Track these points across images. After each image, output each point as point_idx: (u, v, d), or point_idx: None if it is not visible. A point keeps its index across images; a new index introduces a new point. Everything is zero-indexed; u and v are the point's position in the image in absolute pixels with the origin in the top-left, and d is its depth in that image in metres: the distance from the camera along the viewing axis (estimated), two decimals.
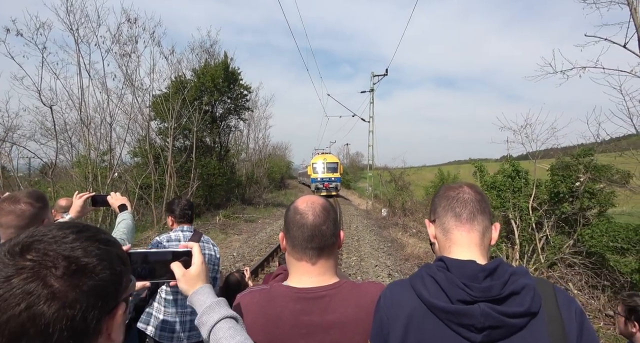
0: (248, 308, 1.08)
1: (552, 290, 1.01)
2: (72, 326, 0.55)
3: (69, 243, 0.58)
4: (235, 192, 22.01)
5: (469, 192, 1.11)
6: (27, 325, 0.52)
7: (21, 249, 0.56)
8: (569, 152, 10.37)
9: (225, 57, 19.97)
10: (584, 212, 9.31)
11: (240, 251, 10.12)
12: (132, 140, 15.80)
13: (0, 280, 0.53)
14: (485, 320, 0.90)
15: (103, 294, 0.59)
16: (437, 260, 1.05)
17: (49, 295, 0.53)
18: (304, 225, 1.11)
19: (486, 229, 1.09)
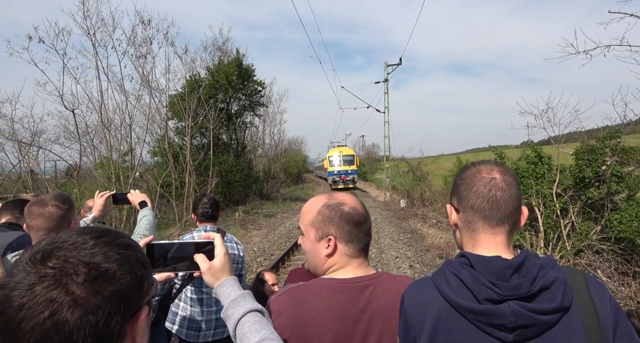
0: (298, 302, 1.08)
1: (583, 280, 0.96)
2: (96, 332, 0.55)
3: (88, 249, 0.58)
4: (253, 188, 22.22)
5: (502, 188, 0.99)
6: (51, 332, 0.52)
7: (42, 257, 0.56)
8: (594, 135, 10.02)
9: (237, 54, 20.07)
10: (611, 196, 8.99)
11: (261, 246, 10.24)
12: (151, 140, 16.15)
13: (24, 288, 0.53)
14: (517, 320, 0.86)
15: (125, 299, 0.59)
16: (459, 256, 0.99)
17: (71, 302, 0.53)
18: (368, 226, 1.18)
19: (515, 224, 1.02)
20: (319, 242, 1.17)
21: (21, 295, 0.53)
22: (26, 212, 1.75)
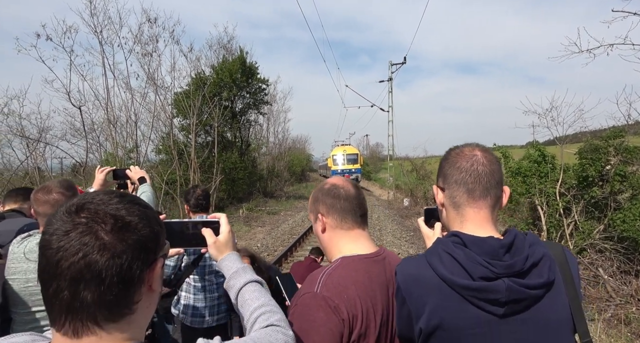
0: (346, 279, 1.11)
1: (562, 253, 1.04)
2: (120, 273, 0.64)
3: (114, 204, 0.67)
4: (257, 186, 22.34)
5: (483, 163, 1.05)
6: (84, 271, 0.61)
7: (76, 209, 0.66)
8: (599, 136, 9.99)
9: (241, 52, 20.16)
10: (615, 196, 8.99)
11: (264, 242, 10.33)
12: (156, 138, 16.27)
13: (61, 234, 0.63)
14: (510, 294, 0.92)
15: (145, 248, 0.68)
16: (451, 235, 1.03)
17: (100, 246, 0.62)
18: (349, 196, 1.23)
19: (498, 200, 1.07)
20: (315, 223, 1.27)
21: (59, 240, 0.62)
22: (32, 199, 1.83)
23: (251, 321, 0.94)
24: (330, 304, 1.04)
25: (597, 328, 4.58)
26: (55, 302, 0.63)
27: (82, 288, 0.62)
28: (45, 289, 0.64)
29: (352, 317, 1.06)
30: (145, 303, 0.71)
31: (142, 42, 13.14)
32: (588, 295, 6.28)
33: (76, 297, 0.62)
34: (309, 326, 1.03)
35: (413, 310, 1.01)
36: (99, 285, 0.62)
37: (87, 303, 0.62)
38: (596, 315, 5.11)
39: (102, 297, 0.63)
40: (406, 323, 1.05)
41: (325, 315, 1.03)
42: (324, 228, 1.25)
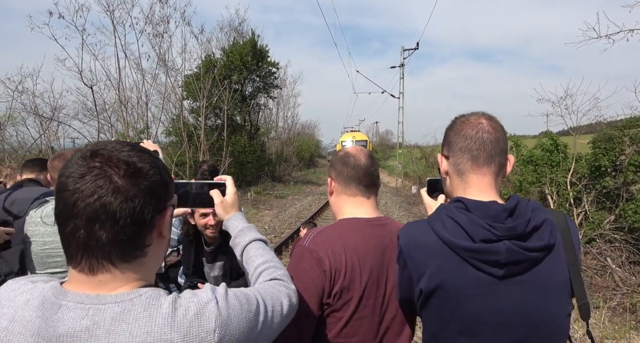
0: (335, 236, 1.19)
1: (565, 220, 1.04)
2: (133, 215, 0.67)
3: (126, 152, 0.70)
4: (265, 170, 22.44)
5: (488, 131, 1.05)
6: (99, 211, 0.64)
7: (91, 154, 0.68)
8: (614, 125, 9.78)
9: (252, 35, 19.97)
10: (627, 186, 8.85)
11: (271, 224, 10.44)
12: (166, 120, 16.36)
13: (77, 176, 0.66)
14: (510, 256, 0.93)
15: (155, 194, 0.70)
16: (455, 201, 1.04)
17: (114, 189, 0.65)
18: (357, 165, 1.27)
19: (501, 168, 1.07)
20: (329, 186, 1.35)
21: (74, 182, 0.65)
22: (49, 166, 1.89)
23: (255, 275, 0.97)
24: (314, 256, 1.13)
25: (602, 315, 4.58)
26: (72, 241, 0.66)
27: (97, 228, 0.65)
28: (63, 229, 0.67)
29: (335, 270, 1.12)
30: (156, 248, 0.74)
31: (153, 22, 13.11)
32: (594, 283, 6.26)
33: (92, 236, 0.65)
34: (294, 275, 1.11)
35: (414, 273, 1.03)
36: (113, 226, 0.65)
37: (102, 242, 0.65)
38: (601, 302, 5.10)
39: (116, 237, 0.66)
40: (407, 286, 1.08)
41: (309, 266, 1.12)
42: (332, 192, 1.33)
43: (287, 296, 0.88)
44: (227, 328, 0.69)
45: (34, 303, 0.65)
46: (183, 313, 0.67)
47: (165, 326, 0.65)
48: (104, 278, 0.68)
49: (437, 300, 1.00)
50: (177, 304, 0.68)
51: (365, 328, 1.16)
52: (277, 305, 0.84)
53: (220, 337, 0.68)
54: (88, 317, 0.64)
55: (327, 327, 1.15)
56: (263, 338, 0.79)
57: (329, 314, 1.14)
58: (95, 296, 0.66)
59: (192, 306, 0.68)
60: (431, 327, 1.05)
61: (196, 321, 0.67)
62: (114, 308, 0.65)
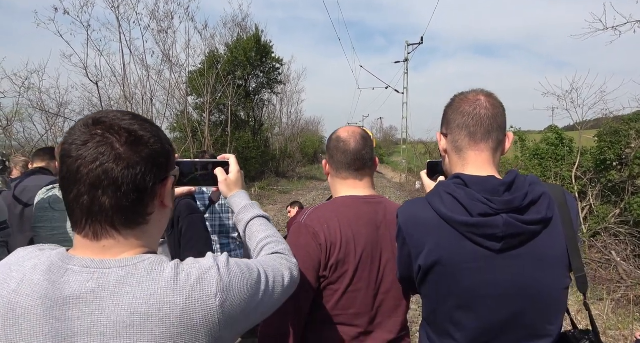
0: (330, 212, 1.23)
1: (562, 195, 1.05)
2: (135, 182, 0.69)
3: (127, 120, 0.71)
4: (269, 165, 22.47)
5: (486, 107, 1.06)
6: (102, 177, 0.66)
7: (93, 122, 0.70)
8: (620, 119, 9.69)
9: (256, 30, 19.93)
10: (633, 180, 8.78)
11: (275, 219, 10.50)
12: (171, 116, 16.41)
13: (79, 143, 0.67)
14: (507, 229, 0.93)
15: (156, 163, 0.72)
16: (453, 178, 1.05)
17: (116, 155, 0.67)
18: (346, 151, 1.29)
19: (500, 144, 1.08)
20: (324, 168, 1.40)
21: (77, 149, 0.67)
22: (57, 153, 1.92)
23: (257, 250, 0.98)
24: (310, 231, 1.18)
25: (606, 307, 4.58)
26: (76, 207, 0.68)
27: (100, 194, 0.67)
28: (67, 195, 0.69)
29: (330, 244, 1.17)
30: (158, 216, 0.76)
31: (157, 18, 13.12)
32: (598, 276, 6.24)
33: (95, 201, 0.67)
34: (292, 250, 1.13)
35: (413, 250, 1.04)
36: (116, 192, 0.67)
37: (105, 208, 0.68)
38: (605, 295, 5.10)
39: (119, 203, 0.68)
40: (406, 263, 1.09)
41: (305, 240, 1.17)
42: (327, 172, 1.38)
43: (288, 269, 0.90)
44: (228, 294, 0.71)
45: (41, 268, 0.68)
46: (185, 277, 0.69)
47: (167, 289, 0.67)
48: (108, 244, 0.70)
49: (435, 275, 1.01)
50: (180, 269, 0.70)
51: (361, 300, 1.20)
52: (279, 277, 0.86)
53: (222, 301, 0.70)
54: (93, 280, 0.67)
55: (324, 299, 1.19)
56: (264, 307, 0.80)
57: (326, 286, 1.18)
58: (100, 261, 0.69)
59: (194, 271, 0.70)
60: (430, 303, 1.07)
61: (198, 285, 0.69)
62: (118, 272, 0.68)
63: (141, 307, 0.65)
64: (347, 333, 1.20)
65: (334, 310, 1.19)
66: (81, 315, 0.64)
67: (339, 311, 1.19)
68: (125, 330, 0.64)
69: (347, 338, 1.20)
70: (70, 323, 0.64)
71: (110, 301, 0.65)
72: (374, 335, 1.23)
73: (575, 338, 1.06)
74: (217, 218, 2.68)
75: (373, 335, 1.23)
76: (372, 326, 1.23)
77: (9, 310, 0.64)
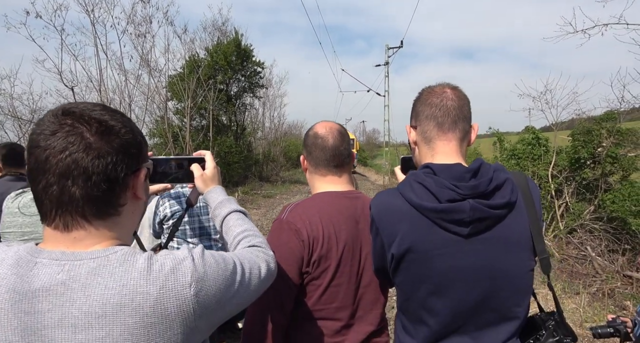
0: (311, 208, 1.23)
1: (525, 180, 1.10)
2: (106, 172, 0.68)
3: (98, 111, 0.71)
4: (252, 170, 22.33)
5: (452, 98, 1.10)
6: (71, 166, 0.65)
7: (62, 112, 0.69)
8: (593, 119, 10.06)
9: (236, 34, 19.86)
10: (606, 177, 9.11)
11: (259, 223, 10.42)
12: (151, 121, 16.14)
13: (48, 133, 0.66)
14: (474, 214, 0.97)
15: (128, 153, 0.71)
16: (423, 167, 1.08)
17: (86, 145, 0.66)
18: (325, 147, 1.30)
19: (466, 134, 1.13)
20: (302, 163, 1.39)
21: (46, 139, 0.66)
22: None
23: (234, 243, 0.99)
24: (292, 227, 1.18)
25: (582, 300, 4.72)
26: (45, 197, 0.67)
27: (70, 184, 0.66)
28: (35, 185, 0.67)
29: (313, 240, 1.17)
30: (131, 208, 0.75)
31: (135, 22, 12.90)
32: (575, 271, 6.43)
33: (65, 191, 0.66)
34: (273, 247, 1.14)
35: (385, 240, 1.06)
36: (86, 181, 0.66)
37: (75, 198, 0.66)
38: (581, 288, 5.25)
39: (89, 193, 0.67)
40: (380, 254, 1.12)
41: (287, 237, 1.17)
42: (305, 168, 1.38)
43: (265, 261, 0.90)
44: (203, 284, 0.71)
45: (8, 262, 0.66)
46: (159, 267, 0.68)
47: (140, 279, 0.66)
48: (79, 235, 0.69)
49: (407, 263, 1.04)
50: (153, 260, 0.70)
51: (343, 294, 1.21)
52: (255, 269, 0.86)
53: (197, 291, 0.70)
54: (64, 271, 0.66)
55: (307, 295, 1.19)
56: (240, 297, 0.80)
57: (309, 282, 1.19)
58: (70, 253, 0.68)
59: (167, 262, 0.70)
60: (403, 292, 1.09)
61: (172, 275, 0.68)
62: (89, 264, 0.67)
63: (113, 297, 0.64)
64: (329, 328, 1.21)
65: (317, 305, 1.20)
66: (52, 307, 0.63)
67: (321, 306, 1.20)
68: (97, 321, 0.63)
69: (329, 333, 1.21)
70: (40, 316, 0.63)
71: (82, 292, 0.64)
72: (355, 327, 1.24)
73: (542, 319, 1.12)
74: (196, 221, 2.64)
75: (354, 328, 1.24)
76: (353, 319, 1.24)
77: None
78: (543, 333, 1.10)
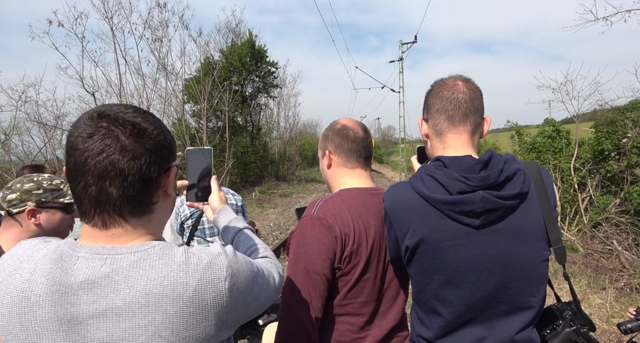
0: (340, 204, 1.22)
1: (537, 170, 1.09)
2: (140, 173, 0.71)
3: (130, 113, 0.73)
4: (269, 169, 22.50)
5: (464, 91, 1.10)
6: (109, 168, 0.68)
7: (98, 115, 0.71)
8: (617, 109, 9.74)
9: (250, 35, 20.03)
10: (632, 169, 8.81)
11: (277, 222, 10.51)
12: (169, 124, 16.46)
13: (85, 136, 0.69)
14: (485, 204, 0.97)
15: (160, 154, 0.74)
16: (434, 160, 1.09)
17: (121, 147, 0.69)
18: (357, 138, 1.30)
19: (477, 127, 1.12)
20: (322, 159, 1.37)
21: (84, 141, 0.69)
22: None
23: (247, 254, 1.02)
24: (324, 223, 1.17)
25: (609, 295, 4.59)
26: (84, 197, 0.70)
27: (108, 185, 0.69)
28: (75, 186, 0.71)
29: (345, 236, 1.16)
30: (163, 205, 0.79)
31: (152, 27, 13.19)
32: (601, 266, 6.26)
33: (103, 191, 0.69)
34: (305, 242, 1.15)
35: (399, 232, 1.07)
36: (122, 182, 0.69)
37: (113, 198, 0.70)
38: (607, 283, 5.11)
39: (126, 193, 0.70)
40: (394, 246, 1.13)
41: (320, 233, 1.16)
42: (330, 164, 1.35)
43: (277, 271, 0.94)
44: (236, 279, 0.75)
45: (52, 257, 0.70)
46: (196, 261, 0.71)
47: (180, 271, 0.69)
48: (117, 232, 0.72)
49: (420, 254, 1.05)
50: (190, 253, 0.73)
51: (369, 289, 1.22)
52: (271, 277, 0.89)
53: (230, 286, 0.73)
54: (106, 265, 0.69)
55: (336, 290, 1.20)
56: (259, 300, 0.83)
57: (339, 278, 1.19)
58: (111, 247, 0.71)
59: (204, 256, 0.73)
60: (417, 282, 1.10)
61: (209, 269, 0.72)
62: (130, 257, 0.70)
63: (155, 287, 0.67)
64: (353, 324, 1.21)
65: (344, 300, 1.20)
66: (96, 298, 0.67)
67: (348, 300, 1.20)
68: (140, 310, 0.66)
69: (354, 329, 1.21)
70: (85, 306, 0.66)
71: (125, 284, 0.67)
72: (378, 322, 1.25)
73: (559, 310, 1.11)
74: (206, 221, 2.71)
75: (377, 323, 1.25)
76: (377, 314, 1.25)
77: (23, 298, 0.66)
78: (560, 323, 1.09)
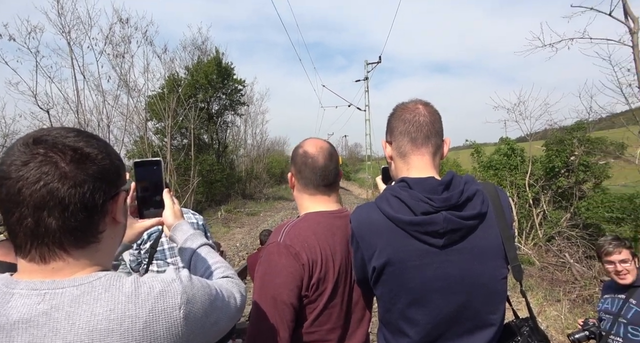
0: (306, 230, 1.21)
1: (495, 190, 1.15)
2: (83, 201, 0.65)
3: (72, 137, 0.67)
4: (235, 188, 22.13)
5: (424, 114, 1.14)
6: (47, 197, 0.62)
7: (34, 141, 0.65)
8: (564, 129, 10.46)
9: (217, 53, 20.00)
10: (579, 185, 9.42)
11: (243, 242, 10.29)
12: (130, 142, 15.90)
13: (19, 164, 0.62)
14: (448, 225, 1.00)
15: (106, 179, 0.69)
16: (398, 181, 1.12)
17: (61, 174, 0.63)
18: (315, 167, 1.28)
19: (438, 148, 1.17)
20: (290, 179, 1.36)
21: (17, 170, 0.62)
22: None
23: (207, 274, 0.98)
24: (291, 251, 1.15)
25: (563, 307, 4.81)
26: (19, 230, 0.64)
27: (46, 215, 0.63)
28: (8, 218, 0.64)
29: (312, 263, 1.15)
30: (111, 233, 0.73)
31: (113, 42, 12.83)
32: (555, 278, 6.57)
33: (40, 223, 0.63)
34: (272, 270, 1.13)
35: (365, 253, 1.08)
36: (62, 212, 0.63)
37: (52, 230, 0.64)
38: (562, 295, 5.36)
39: (66, 223, 0.64)
40: (361, 267, 1.13)
41: (287, 261, 1.13)
42: (293, 186, 1.35)
43: (238, 291, 0.91)
44: (192, 306, 0.70)
45: None
46: (147, 290, 0.67)
47: (128, 303, 0.64)
48: (58, 266, 0.66)
49: (387, 275, 1.06)
50: (140, 282, 0.68)
51: (336, 315, 1.20)
52: (232, 298, 0.86)
53: (186, 313, 0.69)
54: (45, 301, 0.62)
55: (302, 318, 1.17)
56: (219, 325, 0.79)
57: (305, 305, 1.17)
58: (50, 281, 0.65)
59: (156, 284, 0.68)
60: (384, 303, 1.12)
61: (161, 298, 0.67)
62: (72, 291, 0.64)
63: (100, 323, 0.62)
64: None
65: (311, 327, 1.18)
66: (32, 339, 0.60)
67: (314, 328, 1.18)
68: None
69: None
70: None
71: (66, 322, 0.61)
72: None
73: (517, 326, 1.15)
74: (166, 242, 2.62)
75: None
76: (343, 339, 1.23)
77: None
78: (518, 339, 1.13)
